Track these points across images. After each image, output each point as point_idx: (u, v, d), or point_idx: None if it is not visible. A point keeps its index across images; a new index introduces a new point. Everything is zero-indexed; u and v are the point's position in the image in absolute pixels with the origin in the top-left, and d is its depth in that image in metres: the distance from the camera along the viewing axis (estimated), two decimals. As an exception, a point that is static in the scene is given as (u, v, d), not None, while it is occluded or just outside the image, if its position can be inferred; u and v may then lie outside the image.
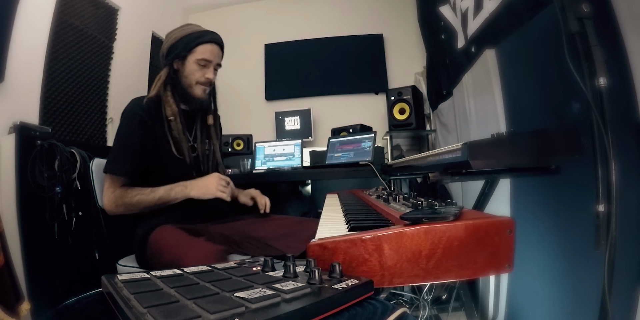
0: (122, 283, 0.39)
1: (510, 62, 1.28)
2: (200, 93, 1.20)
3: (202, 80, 1.18)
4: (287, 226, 1.17)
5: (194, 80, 1.18)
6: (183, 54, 1.15)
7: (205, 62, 1.17)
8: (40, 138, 1.57)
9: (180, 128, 1.16)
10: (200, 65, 1.17)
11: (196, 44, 1.15)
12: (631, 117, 0.71)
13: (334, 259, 0.50)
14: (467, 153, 0.61)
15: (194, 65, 1.16)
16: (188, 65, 1.17)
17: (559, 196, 0.98)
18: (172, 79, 1.18)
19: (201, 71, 1.17)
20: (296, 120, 2.91)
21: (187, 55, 1.16)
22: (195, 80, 1.18)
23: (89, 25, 2.13)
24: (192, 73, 1.17)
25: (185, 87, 1.18)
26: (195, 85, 1.18)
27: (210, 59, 1.17)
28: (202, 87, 1.19)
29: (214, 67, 1.20)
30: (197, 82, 1.18)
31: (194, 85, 1.18)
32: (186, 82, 1.18)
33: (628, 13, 0.73)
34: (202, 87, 1.19)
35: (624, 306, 0.70)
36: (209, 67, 1.18)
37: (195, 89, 1.19)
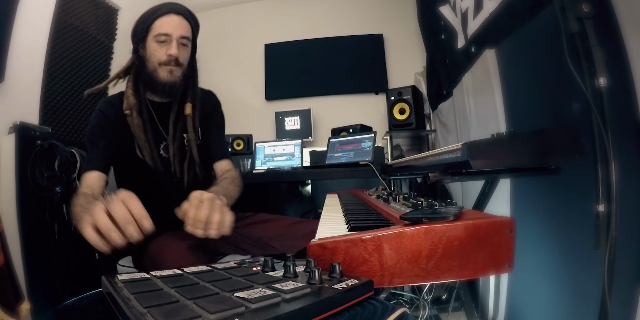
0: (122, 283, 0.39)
1: (510, 62, 1.28)
2: (166, 75, 1.01)
3: (165, 59, 1.00)
4: (285, 226, 1.16)
5: (157, 61, 1.01)
6: (142, 35, 1.01)
7: (164, 37, 0.99)
8: (40, 138, 1.57)
9: (138, 123, 1.01)
10: (160, 41, 0.99)
11: (152, 20, 1.00)
12: (631, 117, 0.71)
13: (334, 259, 0.50)
14: (467, 153, 0.61)
15: (154, 44, 1.00)
16: (149, 46, 1.01)
17: (559, 196, 0.98)
18: (137, 67, 1.04)
19: (162, 49, 1.00)
20: (296, 120, 2.91)
21: (146, 35, 1.01)
22: (157, 61, 1.01)
23: (89, 25, 2.13)
24: (153, 53, 1.01)
25: (150, 72, 1.02)
26: (159, 67, 1.01)
27: (169, 31, 0.99)
28: (167, 67, 1.01)
29: (179, 41, 1.01)
30: (160, 63, 1.01)
31: (157, 67, 1.01)
32: (150, 67, 1.02)
33: (628, 13, 0.73)
34: (167, 68, 1.01)
35: (624, 306, 0.70)
36: (170, 42, 1.00)
37: (160, 71, 1.01)
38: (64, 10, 1.93)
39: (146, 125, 1.03)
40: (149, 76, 1.03)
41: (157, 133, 1.07)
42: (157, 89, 1.04)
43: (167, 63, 1.01)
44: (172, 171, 1.07)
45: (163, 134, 1.08)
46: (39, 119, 1.75)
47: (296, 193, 2.74)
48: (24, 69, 1.66)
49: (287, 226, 1.15)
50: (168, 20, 1.00)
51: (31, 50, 1.72)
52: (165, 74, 1.02)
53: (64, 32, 1.94)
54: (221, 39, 3.30)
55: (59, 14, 1.89)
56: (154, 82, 1.03)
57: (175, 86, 1.04)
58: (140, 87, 1.04)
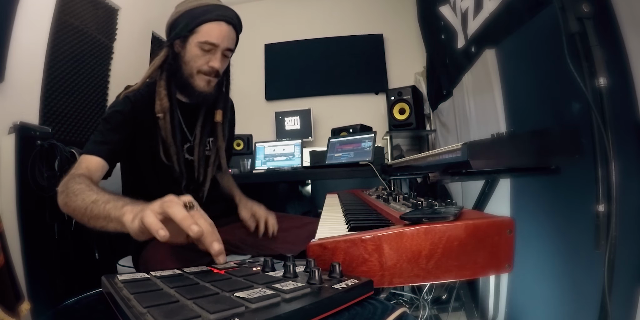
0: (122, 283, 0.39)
1: (510, 62, 1.28)
2: (203, 85, 0.98)
3: (205, 69, 0.96)
4: (285, 227, 1.15)
5: (196, 68, 0.96)
6: (184, 33, 0.94)
7: (209, 47, 0.94)
8: (40, 138, 1.57)
9: (169, 128, 0.96)
10: (204, 50, 0.94)
11: (200, 22, 0.93)
12: (631, 117, 0.71)
13: (334, 259, 0.50)
14: (467, 153, 0.61)
15: (197, 49, 0.94)
16: (189, 48, 0.95)
17: (559, 196, 0.98)
18: (171, 64, 0.98)
19: (205, 57, 0.95)
20: (296, 120, 2.91)
21: (189, 35, 0.94)
22: (197, 69, 0.96)
23: (89, 25, 2.13)
24: (194, 59, 0.95)
25: (186, 76, 0.97)
26: (197, 74, 0.97)
27: (217, 42, 0.94)
28: (206, 77, 0.97)
29: (223, 52, 0.97)
30: (199, 71, 0.96)
31: (195, 74, 0.97)
32: (187, 70, 0.97)
33: (628, 13, 0.73)
34: (206, 78, 0.97)
35: (624, 306, 0.70)
36: (215, 52, 0.95)
37: (197, 79, 0.97)
38: (64, 10, 1.93)
39: (175, 129, 0.99)
40: (184, 79, 0.98)
41: (183, 134, 1.04)
42: (192, 95, 1.00)
43: (207, 73, 0.97)
44: (196, 175, 1.04)
45: (188, 135, 1.05)
46: (39, 119, 1.75)
47: (296, 193, 2.74)
48: (24, 69, 1.66)
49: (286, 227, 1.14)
50: (218, 29, 0.94)
51: (31, 50, 1.72)
52: (202, 83, 0.98)
53: (64, 32, 1.94)
54: (221, 39, 3.29)
55: (59, 14, 1.89)
56: (188, 87, 0.98)
57: (209, 95, 1.01)
58: (172, 86, 0.99)
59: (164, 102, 0.95)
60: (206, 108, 1.06)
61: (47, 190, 1.55)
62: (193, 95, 1.00)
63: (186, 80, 0.98)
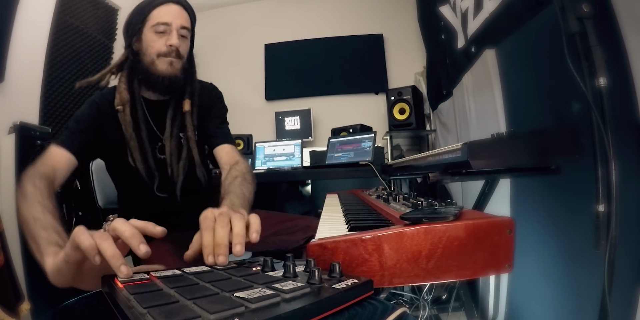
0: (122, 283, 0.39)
1: (510, 62, 1.28)
2: (166, 67, 0.94)
3: (164, 50, 0.93)
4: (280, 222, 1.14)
5: (155, 53, 0.93)
6: (138, 26, 0.94)
7: (164, 27, 0.92)
8: (40, 138, 1.58)
9: (129, 121, 0.93)
10: (159, 32, 0.93)
11: (150, 9, 0.93)
12: (631, 117, 0.71)
13: (333, 258, 0.50)
14: (467, 153, 0.61)
15: (151, 34, 0.93)
16: (145, 37, 0.94)
17: (559, 196, 0.98)
18: (132, 61, 0.97)
19: (161, 40, 0.93)
20: (296, 120, 2.91)
21: (142, 26, 0.94)
22: (156, 52, 0.93)
23: (89, 25, 2.13)
24: (151, 44, 0.93)
25: (147, 66, 0.94)
26: (158, 58, 0.94)
27: (168, 20, 0.93)
28: (167, 59, 0.94)
29: (179, 31, 0.94)
30: (158, 55, 0.93)
31: (156, 59, 0.94)
32: (147, 60, 0.94)
33: (628, 13, 0.73)
34: (167, 59, 0.94)
35: (624, 306, 0.70)
36: (171, 32, 0.93)
37: (159, 63, 0.94)
38: (64, 10, 1.93)
39: (139, 124, 0.96)
40: (145, 70, 0.95)
41: (152, 133, 0.99)
42: (156, 83, 0.95)
43: (167, 54, 0.94)
44: (170, 173, 0.99)
45: (158, 134, 1.00)
46: (39, 119, 1.75)
47: (296, 193, 2.74)
48: (24, 69, 1.66)
49: (281, 223, 1.13)
50: (167, 10, 0.93)
51: (31, 50, 1.72)
52: (164, 66, 0.94)
53: (64, 32, 1.94)
54: (221, 39, 3.30)
55: (59, 14, 1.89)
56: (151, 76, 0.95)
57: (176, 79, 0.96)
58: (135, 82, 0.97)
59: (123, 95, 0.94)
60: (175, 101, 1.01)
61: (47, 190, 1.55)
62: (158, 82, 0.95)
63: (147, 69, 0.95)
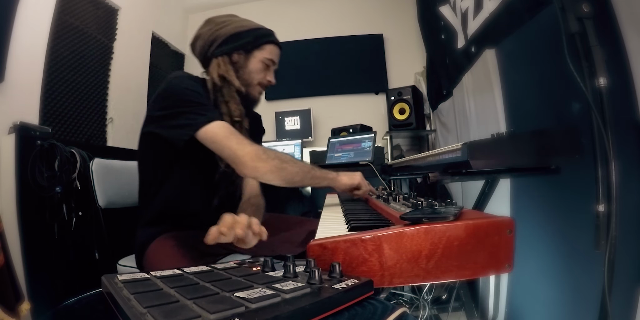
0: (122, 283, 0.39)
1: (510, 62, 1.28)
2: (257, 95, 1.09)
3: (264, 82, 1.07)
4: (283, 228, 1.15)
5: (256, 80, 1.06)
6: (249, 47, 1.04)
7: (270, 63, 1.07)
8: (40, 138, 1.57)
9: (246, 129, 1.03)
10: (266, 64, 1.06)
11: (268, 42, 1.06)
12: (631, 117, 0.71)
13: (334, 259, 0.50)
14: (467, 153, 0.61)
15: (260, 63, 1.05)
16: (253, 62, 1.05)
17: (559, 196, 0.98)
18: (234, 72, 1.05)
19: (264, 72, 1.07)
20: (296, 120, 2.91)
21: (254, 50, 1.05)
22: (257, 81, 1.06)
23: (89, 25, 2.13)
24: (257, 72, 1.05)
25: (243, 84, 1.05)
26: (255, 86, 1.07)
27: (276, 61, 1.09)
28: (260, 89, 1.09)
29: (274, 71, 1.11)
30: (258, 83, 1.07)
31: (253, 85, 1.06)
32: (245, 79, 1.05)
33: (628, 13, 0.73)
34: (260, 89, 1.09)
35: (624, 306, 0.70)
36: (271, 69, 1.09)
37: (255, 89, 1.07)
38: (64, 10, 1.93)
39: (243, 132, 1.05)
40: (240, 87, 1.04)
41: None
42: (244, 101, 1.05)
43: (263, 86, 1.08)
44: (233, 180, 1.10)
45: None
46: (39, 119, 1.75)
47: (296, 193, 2.73)
48: (24, 69, 1.66)
49: (284, 229, 1.14)
50: (277, 51, 1.09)
51: (31, 50, 1.72)
52: (257, 93, 1.09)
53: (64, 32, 1.94)
54: (221, 39, 3.29)
55: (59, 14, 1.89)
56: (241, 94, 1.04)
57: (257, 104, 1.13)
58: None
59: (241, 108, 1.02)
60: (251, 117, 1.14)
61: (47, 190, 1.55)
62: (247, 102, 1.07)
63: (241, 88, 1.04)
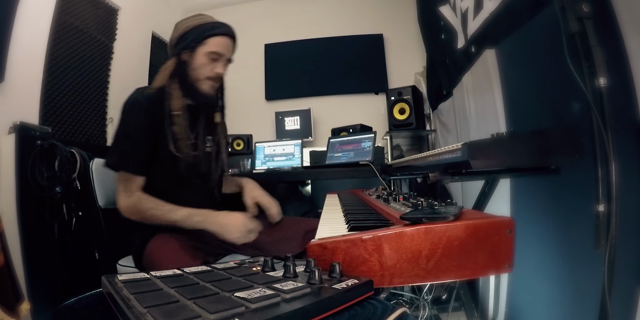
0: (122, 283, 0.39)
1: (510, 62, 1.28)
2: (208, 88, 1.11)
3: (211, 75, 1.10)
4: (283, 229, 1.15)
5: (203, 75, 1.09)
6: (193, 44, 1.08)
7: (216, 56, 1.09)
8: (40, 138, 1.57)
9: (183, 124, 1.07)
10: (211, 58, 1.09)
11: (208, 36, 1.08)
12: (631, 117, 0.71)
13: (334, 259, 0.50)
14: (467, 153, 0.61)
15: (204, 58, 1.08)
16: (197, 57, 1.08)
17: (559, 196, 0.98)
18: (179, 70, 1.10)
19: (211, 65, 1.09)
20: (296, 120, 2.91)
21: (198, 46, 1.08)
22: (203, 75, 1.09)
23: (89, 25, 2.13)
24: (201, 66, 1.09)
25: (192, 81, 1.10)
26: (203, 80, 1.10)
27: (222, 52, 1.10)
28: (210, 82, 1.11)
29: (224, 61, 1.12)
30: (205, 77, 1.10)
31: (201, 79, 1.10)
32: (194, 76, 1.10)
33: (628, 13, 0.73)
34: (210, 83, 1.11)
35: (624, 306, 0.70)
36: (220, 61, 1.10)
37: (203, 83, 1.10)
38: (64, 10, 1.93)
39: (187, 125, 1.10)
40: (191, 84, 1.10)
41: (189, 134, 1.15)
42: (196, 97, 1.12)
43: (213, 79, 1.11)
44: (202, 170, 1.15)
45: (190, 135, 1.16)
46: (39, 119, 1.75)
47: (296, 193, 2.73)
48: (24, 69, 1.66)
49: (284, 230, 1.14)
50: (223, 42, 1.10)
51: (31, 50, 1.72)
52: (207, 87, 1.11)
53: (64, 32, 1.94)
54: (221, 39, 3.29)
55: (59, 14, 1.89)
56: (193, 90, 1.11)
57: (212, 98, 1.15)
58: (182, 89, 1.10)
59: (178, 101, 1.08)
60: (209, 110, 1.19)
61: (47, 190, 1.55)
62: (198, 98, 1.12)
63: (192, 84, 1.10)
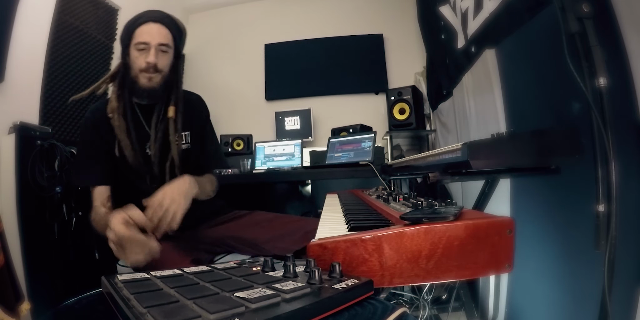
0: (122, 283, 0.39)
1: (510, 62, 1.28)
2: (145, 81, 1.05)
3: (144, 66, 1.03)
4: (280, 226, 1.14)
5: (137, 69, 1.04)
6: (125, 43, 1.05)
7: (143, 46, 1.02)
8: (40, 138, 1.57)
9: (119, 125, 1.04)
10: (139, 50, 1.03)
11: (133, 29, 1.03)
12: (631, 117, 0.71)
13: (334, 259, 0.50)
14: (467, 153, 0.61)
15: (134, 51, 1.03)
16: (131, 53, 1.04)
17: (559, 196, 0.98)
18: (123, 73, 1.08)
19: (141, 57, 1.03)
20: (296, 120, 2.91)
21: (129, 43, 1.04)
22: (138, 68, 1.04)
23: (89, 25, 2.13)
24: (134, 61, 1.04)
25: (132, 79, 1.06)
26: (140, 73, 1.04)
27: (147, 40, 1.02)
28: (146, 74, 1.04)
29: (157, 48, 1.03)
30: (140, 70, 1.04)
31: (138, 74, 1.05)
32: (132, 73, 1.06)
33: (628, 13, 0.73)
34: (146, 75, 1.04)
35: (624, 306, 0.70)
36: (149, 49, 1.03)
37: (140, 78, 1.05)
38: (64, 10, 1.93)
39: (129, 126, 1.07)
40: (132, 81, 1.06)
41: (144, 133, 1.11)
42: (138, 94, 1.08)
43: (146, 70, 1.04)
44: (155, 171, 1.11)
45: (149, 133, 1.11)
46: (39, 119, 1.75)
47: (296, 193, 2.73)
48: (24, 69, 1.66)
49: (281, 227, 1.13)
50: (146, 29, 1.03)
51: (31, 50, 1.72)
52: (144, 80, 1.05)
53: (64, 32, 1.94)
54: (221, 39, 3.30)
55: (59, 14, 1.88)
56: (135, 87, 1.07)
57: (154, 91, 1.07)
58: (125, 91, 1.08)
59: (112, 104, 1.06)
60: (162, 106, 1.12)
61: (47, 190, 1.55)
62: (139, 93, 1.08)
63: (133, 80, 1.06)
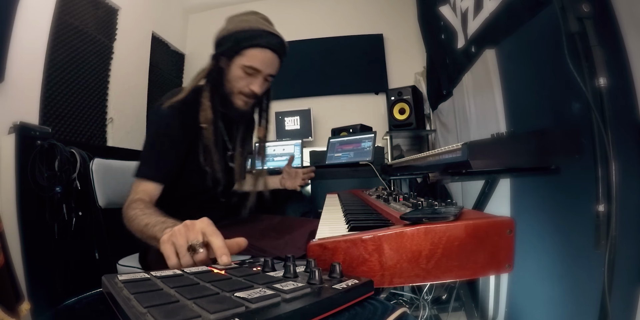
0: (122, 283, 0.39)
1: (510, 62, 1.28)
2: (241, 104, 1.02)
3: (246, 91, 0.99)
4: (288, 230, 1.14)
5: (237, 89, 0.99)
6: (230, 53, 0.97)
7: (252, 71, 0.97)
8: (40, 138, 1.57)
9: (211, 138, 0.99)
10: (247, 73, 0.97)
11: (247, 46, 0.95)
12: (631, 117, 0.71)
13: (334, 259, 0.50)
14: (467, 153, 0.61)
15: (240, 71, 0.97)
16: (233, 68, 0.98)
17: (559, 196, 0.98)
18: (214, 77, 1.00)
19: (246, 80, 0.98)
20: (296, 120, 2.91)
21: (234, 56, 0.97)
22: (238, 89, 0.99)
23: (89, 25, 2.13)
24: (236, 80, 0.98)
25: (226, 93, 1.00)
26: (237, 94, 1.00)
27: (260, 68, 0.97)
28: (244, 98, 1.01)
29: (264, 77, 1.00)
30: (239, 92, 1.00)
31: (235, 93, 1.00)
32: (228, 88, 1.00)
33: (628, 13, 0.73)
34: (244, 98, 1.01)
35: (624, 306, 0.70)
36: (257, 77, 0.98)
37: (236, 98, 1.01)
38: (64, 10, 1.93)
39: (218, 138, 1.02)
40: (224, 95, 1.01)
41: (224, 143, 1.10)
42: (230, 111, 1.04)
43: (246, 95, 1.01)
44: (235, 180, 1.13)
45: (228, 144, 1.11)
46: (39, 119, 1.75)
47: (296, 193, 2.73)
48: (24, 69, 1.66)
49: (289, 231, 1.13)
50: (261, 56, 0.96)
51: (31, 50, 1.72)
52: (240, 102, 1.02)
53: (64, 32, 1.94)
54: (221, 39, 3.29)
55: (59, 14, 1.89)
56: (227, 103, 1.02)
57: (245, 113, 1.07)
58: (217, 100, 1.01)
59: (208, 114, 0.98)
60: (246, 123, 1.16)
61: (47, 190, 1.55)
62: (233, 113, 1.04)
63: (226, 96, 1.01)
